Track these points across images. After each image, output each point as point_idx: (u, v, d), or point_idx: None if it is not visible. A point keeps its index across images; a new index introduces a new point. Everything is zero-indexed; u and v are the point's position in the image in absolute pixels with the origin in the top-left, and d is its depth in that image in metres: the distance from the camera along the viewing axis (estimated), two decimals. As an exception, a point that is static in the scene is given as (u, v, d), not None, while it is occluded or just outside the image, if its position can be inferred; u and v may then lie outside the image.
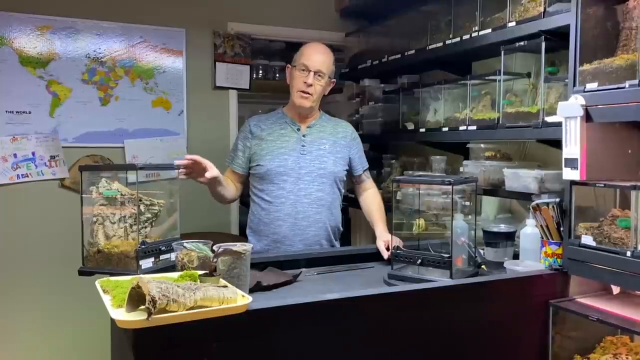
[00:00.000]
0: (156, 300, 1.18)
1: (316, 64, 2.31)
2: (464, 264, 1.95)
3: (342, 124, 2.54)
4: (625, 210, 1.66)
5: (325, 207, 2.37)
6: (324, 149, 2.40)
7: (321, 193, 2.36)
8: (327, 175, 2.38)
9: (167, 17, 3.27)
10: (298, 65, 2.33)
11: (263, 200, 2.36)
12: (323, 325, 1.48)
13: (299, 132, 2.40)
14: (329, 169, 2.38)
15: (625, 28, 1.68)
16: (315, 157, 2.37)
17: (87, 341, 3.07)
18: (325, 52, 2.37)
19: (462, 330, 1.66)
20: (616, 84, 1.57)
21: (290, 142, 2.38)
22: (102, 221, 1.80)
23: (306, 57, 2.33)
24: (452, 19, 2.57)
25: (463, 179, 2.01)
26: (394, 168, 3.24)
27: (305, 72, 2.31)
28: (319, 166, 2.37)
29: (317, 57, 2.33)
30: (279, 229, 2.32)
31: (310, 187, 2.35)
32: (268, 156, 2.34)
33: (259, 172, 2.36)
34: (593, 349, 1.77)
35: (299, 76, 2.32)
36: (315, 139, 2.40)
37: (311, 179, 2.35)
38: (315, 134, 2.42)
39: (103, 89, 3.15)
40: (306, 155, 2.36)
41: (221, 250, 1.56)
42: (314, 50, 2.36)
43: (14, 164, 2.97)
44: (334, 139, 2.44)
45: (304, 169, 2.34)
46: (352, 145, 2.49)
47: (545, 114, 2.02)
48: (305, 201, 2.33)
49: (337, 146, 2.43)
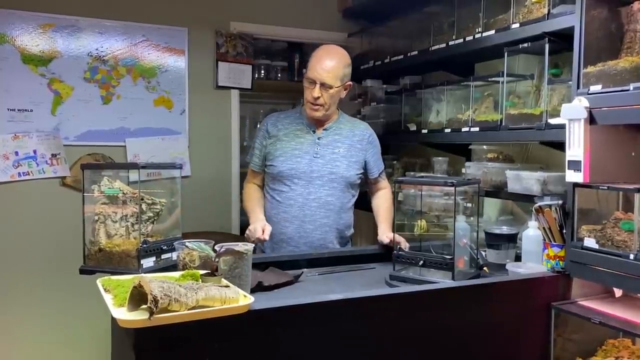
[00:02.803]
0: (158, 299, 1.18)
1: (321, 76, 2.25)
2: (465, 266, 1.95)
3: (360, 126, 2.47)
4: (628, 213, 1.65)
5: (333, 211, 2.35)
6: (338, 152, 2.36)
7: (331, 198, 2.34)
8: (339, 180, 2.35)
9: (170, 16, 3.27)
10: (305, 77, 2.30)
11: (274, 198, 2.37)
12: (324, 326, 1.48)
13: (314, 135, 2.37)
14: (341, 174, 2.35)
15: (630, 30, 1.68)
16: (328, 161, 2.34)
17: (88, 340, 3.06)
18: (333, 59, 2.28)
19: (463, 332, 1.65)
20: (620, 86, 1.57)
21: (305, 145, 2.35)
22: (103, 220, 1.80)
23: (311, 70, 2.28)
24: (455, 20, 2.57)
25: (465, 180, 2.01)
26: (395, 169, 3.24)
27: (313, 85, 2.26)
28: (330, 170, 2.33)
29: (321, 68, 2.25)
30: (285, 229, 2.32)
31: (320, 191, 2.32)
32: (281, 157, 2.34)
33: (272, 171, 2.36)
34: (595, 352, 1.76)
35: (307, 88, 2.29)
36: (329, 142, 2.37)
37: (322, 183, 2.33)
38: (330, 137, 2.38)
39: (105, 88, 3.15)
40: (319, 159, 2.34)
41: (223, 250, 1.55)
42: (318, 60, 2.28)
43: (16, 162, 2.97)
44: (350, 143, 2.39)
45: (316, 173, 2.32)
46: (369, 149, 2.44)
47: (548, 116, 2.01)
48: (314, 205, 2.32)
49: (353, 150, 2.39)
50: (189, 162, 3.30)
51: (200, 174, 3.34)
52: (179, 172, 2.00)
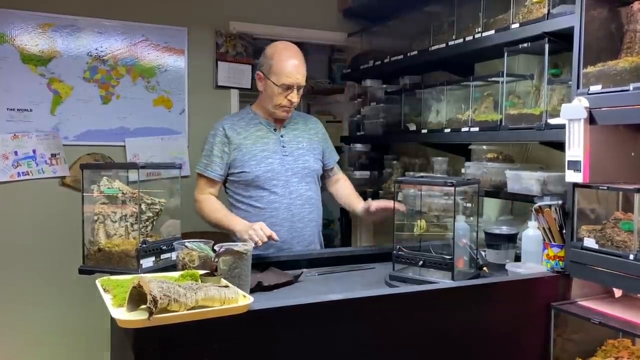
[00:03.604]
0: (157, 299, 1.18)
1: (298, 80, 2.22)
2: (465, 266, 1.95)
3: (312, 120, 2.52)
4: (628, 213, 1.65)
5: (315, 205, 2.38)
6: (302, 147, 2.37)
7: (310, 192, 2.35)
8: (311, 173, 2.37)
9: (169, 16, 3.26)
10: (279, 85, 2.21)
11: (252, 206, 2.29)
12: (324, 326, 1.48)
13: (276, 133, 2.35)
14: (312, 167, 2.37)
15: (630, 30, 1.68)
16: (297, 157, 2.34)
17: (87, 340, 3.06)
18: (299, 57, 2.25)
19: (463, 332, 1.65)
20: (620, 86, 1.57)
21: (270, 145, 2.31)
22: (103, 220, 1.80)
23: (287, 76, 2.20)
24: (455, 20, 2.56)
25: (465, 180, 2.01)
26: (395, 169, 3.24)
27: (290, 90, 2.23)
28: (303, 165, 2.34)
29: (297, 72, 2.22)
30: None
31: (300, 188, 2.32)
32: (252, 161, 2.27)
33: (245, 178, 2.28)
34: (594, 352, 1.76)
35: (280, 94, 2.23)
36: (292, 138, 2.37)
37: (298, 179, 2.32)
38: (291, 132, 2.38)
39: (104, 87, 3.15)
40: (288, 156, 2.32)
41: (222, 250, 1.55)
42: (291, 64, 2.21)
43: (15, 162, 2.96)
44: (309, 136, 2.41)
45: (290, 171, 2.31)
46: (324, 140, 2.49)
47: (548, 116, 2.01)
48: (299, 203, 2.31)
49: (313, 143, 2.42)
50: (188, 162, 3.30)
51: (199, 173, 3.33)
52: (178, 172, 2.01)
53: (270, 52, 2.28)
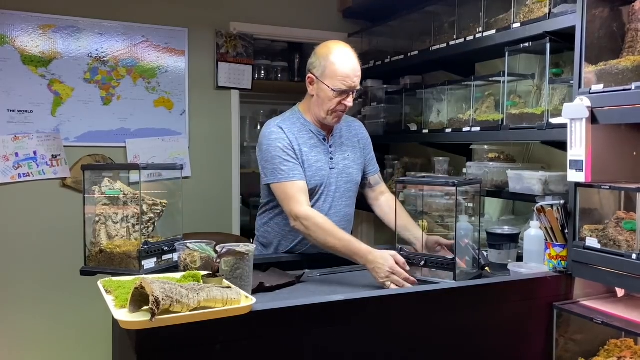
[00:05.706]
0: (160, 301, 1.17)
1: (355, 83, 2.04)
2: (467, 266, 1.94)
3: (355, 125, 2.30)
4: (630, 213, 1.65)
5: (349, 221, 2.23)
6: (347, 157, 2.19)
7: (348, 208, 2.20)
8: (353, 188, 2.21)
9: (170, 17, 3.26)
10: (335, 90, 2.02)
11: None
12: (326, 326, 1.47)
13: (325, 143, 2.16)
14: (355, 180, 2.21)
15: (631, 29, 1.67)
16: (342, 170, 2.17)
17: (89, 341, 3.06)
18: (356, 58, 2.09)
19: (465, 332, 1.65)
20: (622, 85, 1.57)
21: (322, 155, 2.13)
22: (104, 221, 1.79)
23: (345, 79, 2.02)
24: (456, 19, 2.56)
25: (467, 180, 2.01)
26: (396, 169, 3.24)
27: (345, 94, 2.04)
28: (346, 179, 2.17)
29: (355, 75, 2.04)
30: (306, 249, 2.15)
31: (340, 203, 2.17)
32: (309, 171, 2.09)
33: None
34: (597, 352, 1.76)
35: (334, 99, 2.04)
36: (338, 148, 2.18)
37: (340, 194, 2.17)
38: (337, 140, 2.19)
39: (105, 89, 3.15)
40: (334, 168, 2.15)
41: (224, 251, 1.55)
42: (348, 66, 2.03)
43: (16, 163, 2.96)
44: (352, 144, 2.23)
45: (334, 185, 2.14)
46: (367, 146, 2.28)
47: (550, 116, 2.01)
48: (335, 220, 2.08)
49: (357, 151, 2.23)
50: (189, 162, 3.30)
51: (200, 174, 3.34)
52: (179, 172, 2.00)
53: (324, 53, 2.07)
